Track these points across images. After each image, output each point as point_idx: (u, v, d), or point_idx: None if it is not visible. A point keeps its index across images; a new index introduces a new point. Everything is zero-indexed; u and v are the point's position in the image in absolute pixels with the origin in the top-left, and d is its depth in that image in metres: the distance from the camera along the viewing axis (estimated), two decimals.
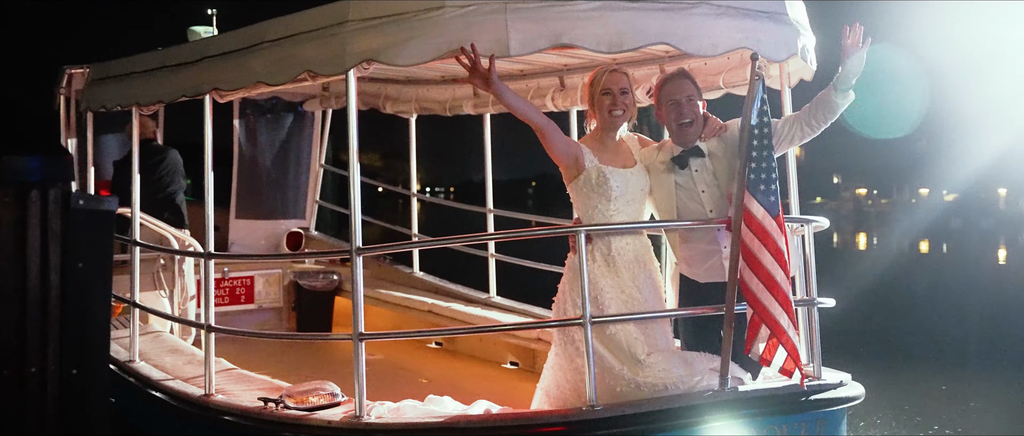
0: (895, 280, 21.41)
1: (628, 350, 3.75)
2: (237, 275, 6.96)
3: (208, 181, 4.53)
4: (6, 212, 2.94)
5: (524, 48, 3.62)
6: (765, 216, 3.56)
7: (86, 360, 3.04)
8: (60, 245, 2.98)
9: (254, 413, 4.10)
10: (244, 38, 4.31)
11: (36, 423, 2.98)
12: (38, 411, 2.99)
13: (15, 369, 2.95)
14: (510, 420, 3.70)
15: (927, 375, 9.55)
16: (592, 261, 3.84)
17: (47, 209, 2.97)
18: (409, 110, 6.48)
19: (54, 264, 2.99)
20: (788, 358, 3.63)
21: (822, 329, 4.00)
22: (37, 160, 2.96)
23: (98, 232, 3.06)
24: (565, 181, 4.02)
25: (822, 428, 3.83)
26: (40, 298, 2.98)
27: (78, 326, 3.02)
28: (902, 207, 77.40)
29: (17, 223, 2.95)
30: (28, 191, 2.93)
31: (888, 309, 15.54)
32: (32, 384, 2.98)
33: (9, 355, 2.97)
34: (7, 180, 2.94)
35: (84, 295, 3.03)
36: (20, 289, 2.96)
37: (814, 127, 3.87)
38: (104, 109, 5.37)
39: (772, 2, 3.84)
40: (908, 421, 7.67)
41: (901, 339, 12.28)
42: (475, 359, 5.99)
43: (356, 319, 3.79)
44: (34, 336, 2.97)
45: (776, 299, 3.56)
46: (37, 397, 2.98)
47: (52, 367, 3.00)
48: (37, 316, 2.97)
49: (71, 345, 3.01)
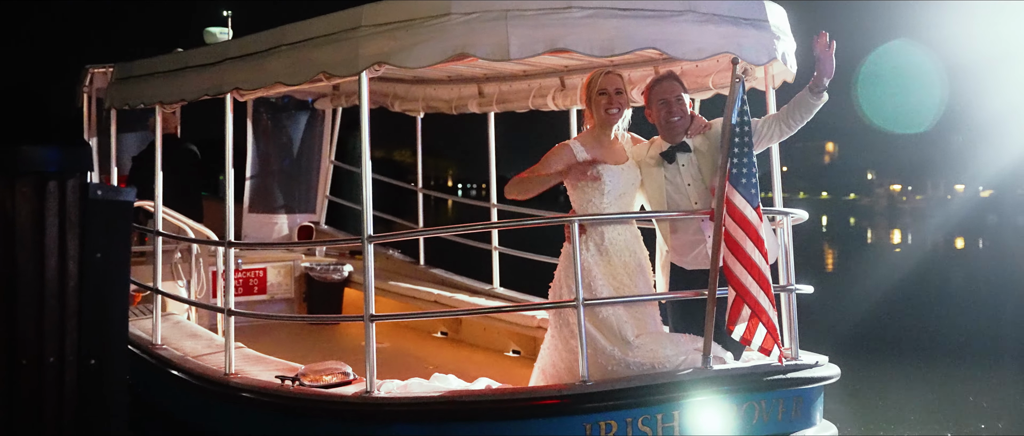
0: (930, 276, 21.83)
1: (618, 332, 4.27)
2: (250, 267, 7.52)
3: (229, 176, 5.09)
4: (25, 203, 3.08)
5: (523, 52, 4.13)
6: (746, 206, 4.08)
7: (104, 349, 3.18)
8: (78, 236, 3.12)
9: (272, 390, 4.64)
10: (264, 41, 4.86)
11: (54, 411, 3.12)
12: (56, 400, 3.13)
13: (34, 358, 3.09)
14: (509, 394, 4.24)
15: (961, 373, 9.82)
16: (586, 250, 4.35)
17: (65, 200, 3.10)
18: (416, 109, 7.06)
19: (72, 254, 3.12)
20: (767, 337, 4.15)
21: (852, 326, 4.49)
22: (56, 151, 3.10)
23: (116, 223, 3.20)
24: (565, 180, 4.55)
25: (799, 405, 4.34)
26: (58, 288, 3.10)
27: (96, 316, 3.15)
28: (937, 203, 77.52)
29: (36, 213, 3.08)
30: (46, 182, 3.07)
31: (921, 305, 15.96)
32: (51, 373, 3.11)
33: (28, 344, 3.11)
34: (26, 171, 3.07)
35: (102, 285, 3.16)
36: (39, 279, 3.09)
37: (792, 126, 4.37)
38: (127, 106, 5.95)
39: (754, 10, 4.36)
40: (942, 419, 8.00)
41: (934, 336, 12.58)
42: (478, 347, 6.52)
43: (368, 301, 4.33)
44: (53, 326, 3.11)
45: (757, 282, 4.08)
46: (56, 386, 3.13)
47: (70, 356, 3.13)
48: (55, 306, 3.10)
49: (89, 335, 3.14)
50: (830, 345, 10.39)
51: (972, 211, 58.37)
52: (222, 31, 7.03)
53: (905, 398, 8.67)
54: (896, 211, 71.68)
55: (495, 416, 4.08)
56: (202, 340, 5.73)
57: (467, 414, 4.11)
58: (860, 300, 15.90)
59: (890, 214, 67.79)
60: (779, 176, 4.83)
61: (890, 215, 66.13)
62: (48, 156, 3.09)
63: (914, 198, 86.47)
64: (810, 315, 15.40)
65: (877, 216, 65.83)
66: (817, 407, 4.48)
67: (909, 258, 28.62)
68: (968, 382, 9.38)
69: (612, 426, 4.01)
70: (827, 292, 18.72)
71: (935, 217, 56.76)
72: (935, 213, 61.40)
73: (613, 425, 4.01)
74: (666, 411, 4.03)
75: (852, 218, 65.16)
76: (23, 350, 3.10)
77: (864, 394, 8.64)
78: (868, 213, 71.06)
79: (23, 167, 3.07)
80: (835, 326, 12.29)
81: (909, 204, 79.46)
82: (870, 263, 26.53)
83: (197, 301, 6.29)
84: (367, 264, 4.34)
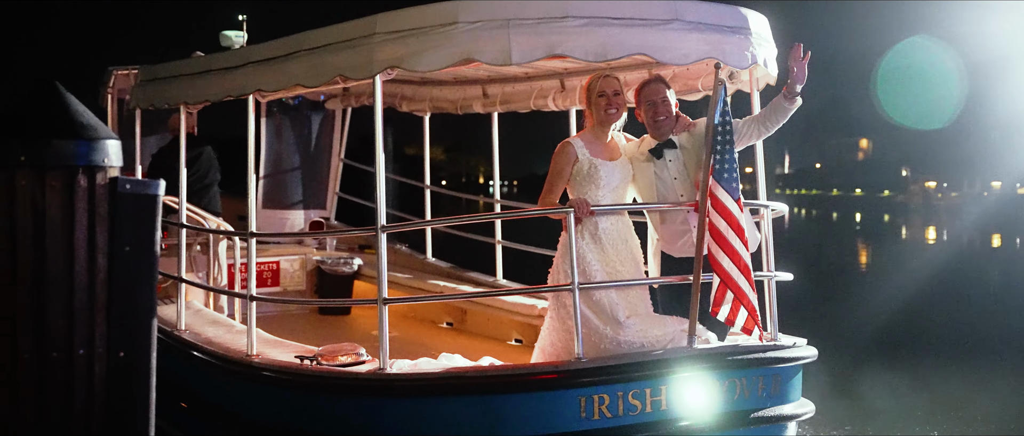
0: (964, 274, 22.51)
1: (611, 313, 4.92)
2: (264, 260, 8.22)
3: (251, 172, 5.78)
4: (54, 196, 3.17)
5: (524, 57, 4.79)
6: (728, 199, 4.73)
7: (133, 343, 3.31)
8: (107, 229, 3.22)
9: (292, 369, 5.32)
10: (284, 46, 5.54)
11: (84, 405, 3.24)
12: (86, 393, 3.25)
13: (64, 351, 3.20)
14: (511, 370, 4.91)
15: (998, 373, 10.34)
16: (582, 238, 5.01)
17: (94, 193, 3.20)
18: (423, 109, 7.76)
19: (101, 247, 3.22)
20: (748, 318, 4.80)
21: (887, 324, 5.07)
22: (85, 144, 3.19)
23: (144, 216, 3.29)
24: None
25: (777, 382, 4.98)
26: (88, 281, 3.21)
27: (125, 309, 3.28)
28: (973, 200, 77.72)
29: (65, 207, 3.18)
30: (75, 175, 3.17)
31: (956, 303, 16.59)
32: (80, 366, 3.22)
33: (58, 337, 3.21)
34: (55, 164, 3.16)
35: (131, 278, 3.28)
36: (68, 272, 3.19)
37: (768, 128, 5.03)
38: (152, 107, 6.65)
39: (736, 19, 5.01)
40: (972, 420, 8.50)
41: (969, 334, 13.12)
42: (483, 336, 7.18)
43: (381, 286, 5.00)
44: (82, 319, 3.22)
45: (738, 269, 4.73)
46: (85, 379, 3.24)
47: (100, 349, 3.24)
48: (85, 299, 3.21)
49: (118, 328, 3.26)
50: (862, 343, 11.06)
51: (1009, 208, 58.68)
52: (237, 34, 7.74)
53: (941, 394, 9.18)
54: (931, 208, 72.06)
55: (498, 390, 4.73)
56: (223, 326, 6.42)
57: (472, 388, 4.77)
58: (893, 298, 16.52)
59: (925, 211, 68.24)
60: (763, 173, 5.47)
61: (925, 212, 66.58)
62: (78, 150, 3.19)
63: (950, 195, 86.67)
64: (841, 313, 15.86)
65: (912, 213, 66.40)
66: (795, 385, 5.12)
67: (944, 255, 29.05)
68: (1010, 379, 9.91)
69: (604, 399, 4.65)
70: (861, 291, 19.35)
71: (971, 214, 57.18)
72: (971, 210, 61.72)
73: (605, 398, 4.65)
74: (654, 386, 4.67)
75: (887, 215, 65.78)
76: (53, 343, 3.22)
77: (902, 391, 9.22)
78: (903, 210, 71.59)
79: (52, 160, 3.17)
80: (868, 324, 12.90)
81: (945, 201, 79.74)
82: (904, 260, 27.04)
83: (221, 289, 6.98)
84: (380, 251, 5.01)
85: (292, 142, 9.02)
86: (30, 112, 3.27)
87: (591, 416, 4.63)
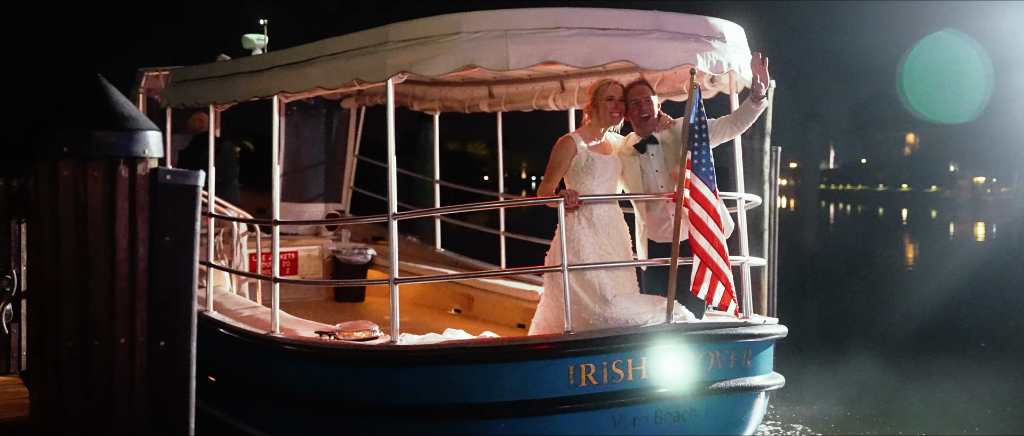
0: (1015, 272, 23.26)
1: (599, 292, 5.85)
2: (283, 250, 9.22)
3: (274, 167, 6.76)
4: (96, 186, 3.35)
5: (520, 63, 5.74)
6: (705, 189, 5.65)
7: (173, 332, 3.50)
8: (148, 219, 3.41)
9: (312, 343, 6.30)
10: (305, 52, 6.52)
11: (125, 393, 3.43)
12: (127, 381, 3.44)
13: (106, 340, 3.38)
14: (507, 342, 5.87)
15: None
16: (578, 224, 5.94)
17: (135, 183, 3.39)
18: (434, 108, 8.77)
19: (142, 237, 3.41)
20: (725, 293, 5.71)
21: (932, 322, 5.69)
22: (126, 135, 3.37)
23: (184, 206, 3.47)
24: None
25: (748, 355, 5.90)
26: (128, 271, 3.39)
27: (165, 298, 3.47)
28: None
29: (107, 197, 3.35)
30: (117, 165, 3.34)
31: (1004, 302, 17.21)
32: (121, 355, 3.41)
33: (100, 326, 3.39)
34: (97, 155, 3.33)
35: (171, 268, 3.46)
36: (109, 262, 3.38)
37: (739, 127, 5.97)
38: (183, 106, 7.67)
39: (711, 29, 5.93)
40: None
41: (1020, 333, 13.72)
42: (488, 322, 8.13)
43: (392, 267, 5.96)
44: (123, 307, 3.40)
45: (716, 251, 5.64)
46: (126, 367, 3.43)
47: (140, 338, 3.43)
48: (126, 288, 3.39)
49: (159, 317, 3.45)
50: (908, 342, 11.65)
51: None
52: (259, 37, 8.77)
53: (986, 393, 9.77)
54: (980, 203, 72.23)
55: (496, 359, 5.67)
56: (248, 307, 7.42)
57: (473, 358, 5.72)
58: (941, 296, 17.19)
59: (974, 207, 68.48)
60: (741, 169, 6.39)
61: (974, 208, 66.82)
62: (119, 141, 3.35)
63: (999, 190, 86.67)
64: (886, 312, 16.31)
65: (960, 209, 66.75)
66: (766, 359, 6.04)
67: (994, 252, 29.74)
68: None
69: (590, 368, 5.58)
70: (908, 288, 20.01)
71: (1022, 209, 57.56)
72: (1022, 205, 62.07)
73: (591, 367, 5.58)
74: (635, 357, 5.59)
75: (934, 211, 66.20)
76: (95, 331, 3.39)
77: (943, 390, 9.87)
78: (950, 206, 71.91)
79: (94, 151, 3.33)
80: (916, 323, 13.53)
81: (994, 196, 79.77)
82: (953, 257, 27.60)
83: (248, 273, 7.99)
84: (392, 237, 5.98)
85: (309, 139, 10.10)
86: (73, 104, 3.48)
87: (579, 383, 5.56)
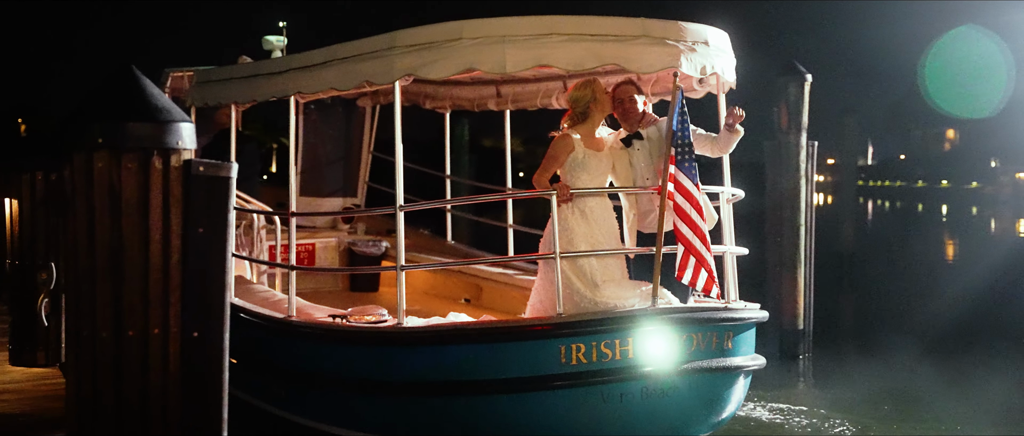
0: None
1: (590, 277, 6.53)
2: (300, 242, 9.99)
3: (292, 163, 7.53)
4: (130, 177, 3.43)
5: (516, 67, 6.44)
6: (688, 182, 6.31)
7: (207, 322, 3.61)
8: (181, 210, 3.51)
9: (326, 325, 7.04)
10: (320, 56, 7.26)
11: (159, 383, 3.54)
12: (161, 371, 3.55)
13: (140, 330, 3.49)
14: (504, 323, 6.56)
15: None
16: (572, 214, 6.62)
17: (169, 175, 3.48)
18: (444, 106, 9.51)
19: (175, 229, 3.51)
20: (707, 279, 6.37)
21: (972, 318, 6.16)
22: (160, 127, 3.46)
23: (217, 197, 3.61)
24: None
25: (729, 338, 6.56)
26: (162, 261, 3.50)
27: (198, 289, 3.58)
28: None
29: (141, 188, 3.45)
30: (150, 157, 3.43)
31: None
32: (155, 345, 3.52)
33: (134, 316, 3.50)
34: (131, 146, 3.41)
35: (204, 259, 3.58)
36: (143, 253, 3.48)
37: (719, 151, 6.71)
38: (206, 105, 8.45)
39: (695, 34, 6.59)
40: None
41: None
42: (496, 311, 8.82)
43: (399, 255, 6.68)
44: (157, 298, 3.51)
45: (699, 239, 6.30)
46: (160, 358, 3.54)
47: (174, 328, 3.54)
48: (160, 279, 3.50)
49: (191, 307, 3.56)
50: (947, 338, 12.24)
51: None
52: (278, 39, 9.54)
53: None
54: (1022, 199, 72.18)
55: (493, 339, 6.37)
56: (266, 294, 8.18)
57: (473, 338, 6.43)
58: (982, 293, 17.83)
59: (1015, 203, 68.50)
60: (728, 167, 7.04)
61: (1015, 204, 66.85)
62: (153, 132, 3.43)
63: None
64: (925, 307, 16.77)
65: (1001, 205, 66.84)
66: (747, 341, 6.70)
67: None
68: None
69: (581, 348, 6.25)
70: (946, 284, 20.53)
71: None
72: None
73: (581, 347, 6.25)
74: (623, 337, 6.25)
75: (974, 207, 66.27)
76: (129, 321, 3.49)
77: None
78: (991, 202, 71.87)
79: (128, 143, 3.41)
80: (955, 320, 14.00)
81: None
82: (994, 254, 28.04)
83: (267, 261, 8.75)
84: (399, 227, 6.70)
85: (326, 136, 10.87)
86: (107, 95, 3.57)
87: (570, 361, 6.22)
